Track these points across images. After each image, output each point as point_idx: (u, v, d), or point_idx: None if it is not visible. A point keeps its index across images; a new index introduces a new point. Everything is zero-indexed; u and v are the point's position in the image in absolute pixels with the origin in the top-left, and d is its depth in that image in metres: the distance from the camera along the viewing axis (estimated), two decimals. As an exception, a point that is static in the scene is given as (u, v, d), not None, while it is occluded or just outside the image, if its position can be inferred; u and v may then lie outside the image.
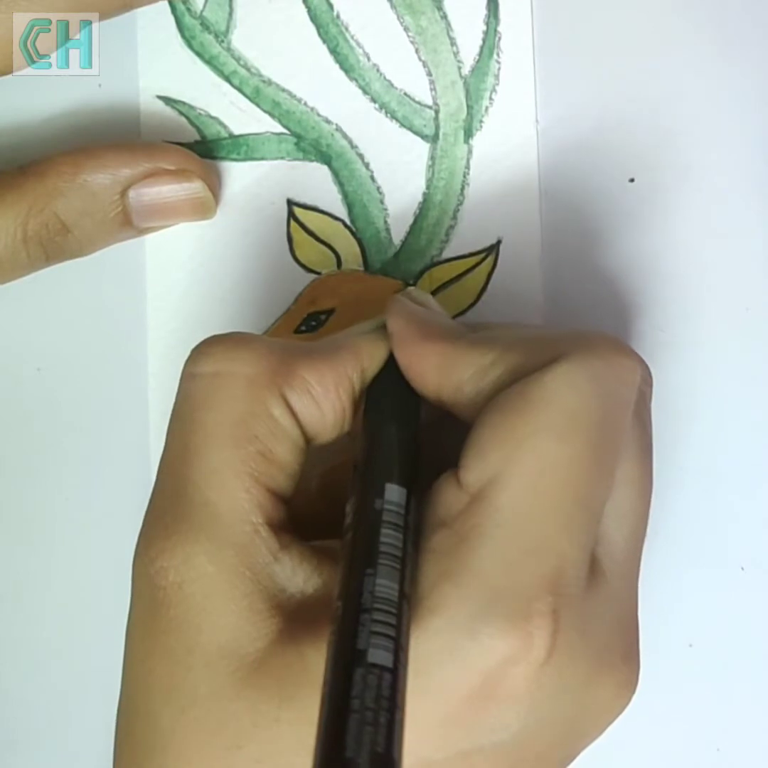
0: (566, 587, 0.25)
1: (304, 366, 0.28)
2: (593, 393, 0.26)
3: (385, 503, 0.26)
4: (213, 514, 0.26)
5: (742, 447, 0.35)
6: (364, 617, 0.23)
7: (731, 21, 0.34)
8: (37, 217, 0.31)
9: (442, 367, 0.28)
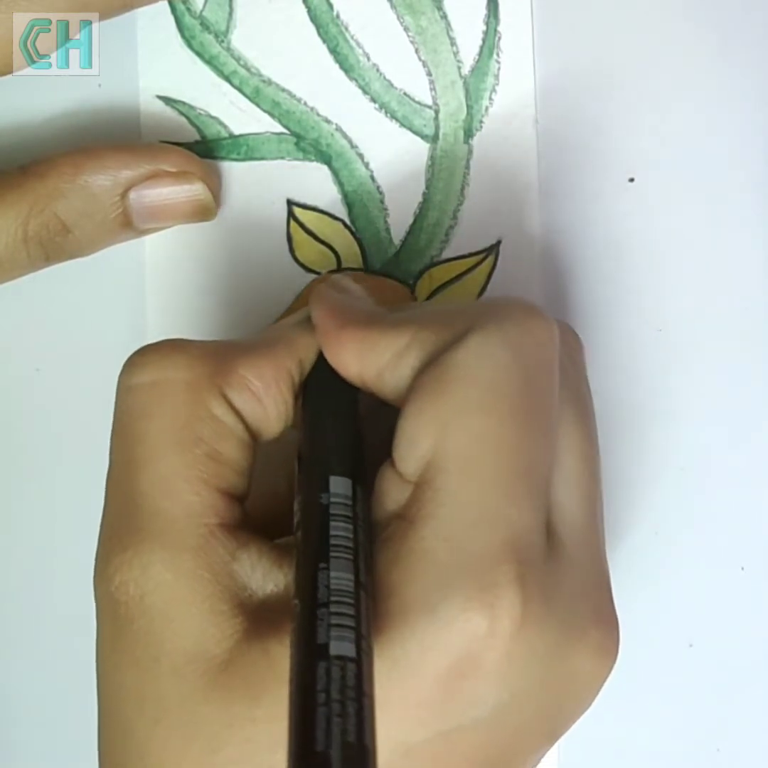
0: (524, 554, 0.25)
1: (242, 363, 0.28)
2: (509, 359, 0.26)
3: (331, 496, 0.26)
4: (166, 521, 0.26)
5: (742, 447, 0.35)
6: (322, 611, 0.23)
7: (731, 21, 0.34)
8: (38, 217, 0.31)
9: (361, 354, 0.28)
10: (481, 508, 0.25)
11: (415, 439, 0.26)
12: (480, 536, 0.25)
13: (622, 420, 0.35)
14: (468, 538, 0.25)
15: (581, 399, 0.29)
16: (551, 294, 0.35)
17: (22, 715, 0.35)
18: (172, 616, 0.25)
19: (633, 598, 0.34)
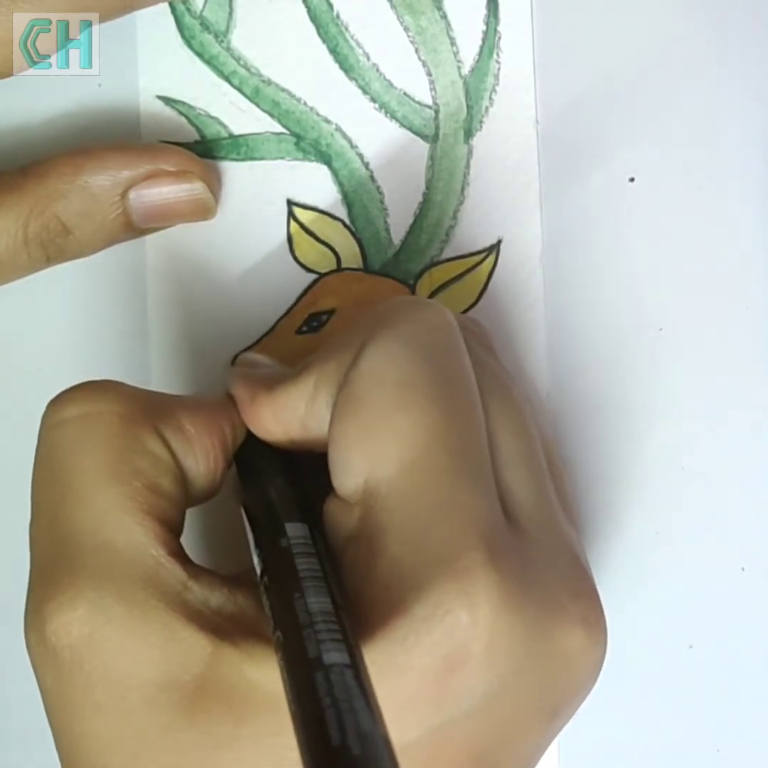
0: (489, 536, 0.25)
1: (178, 406, 0.28)
2: (409, 352, 0.26)
3: (290, 539, 0.26)
4: (111, 554, 0.25)
5: (743, 447, 0.35)
6: (307, 632, 0.23)
7: (731, 20, 0.34)
8: (38, 218, 0.31)
9: (277, 416, 0.28)
10: (433, 501, 0.25)
11: (346, 459, 0.26)
12: (441, 528, 0.25)
13: (622, 420, 0.35)
14: (430, 534, 0.25)
15: (500, 381, 0.29)
16: (551, 294, 0.34)
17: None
18: (132, 649, 0.24)
19: (633, 599, 0.34)
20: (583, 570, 0.27)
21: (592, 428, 0.35)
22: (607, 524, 0.34)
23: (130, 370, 0.35)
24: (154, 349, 0.35)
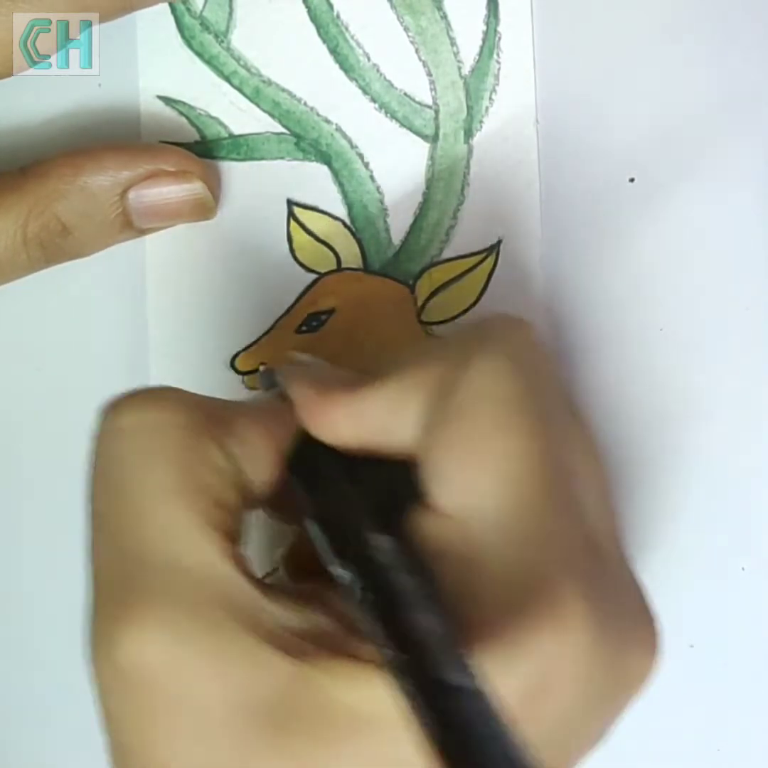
0: (581, 565, 0.25)
1: (237, 414, 0.27)
2: (519, 372, 0.26)
3: (379, 550, 0.25)
4: (182, 572, 0.24)
5: (743, 447, 0.35)
6: (423, 650, 0.23)
7: (731, 20, 0.34)
8: (38, 218, 0.31)
9: (355, 416, 0.27)
10: (532, 528, 0.25)
11: (449, 472, 0.25)
12: (536, 555, 0.25)
13: (622, 420, 0.35)
14: (525, 560, 0.25)
15: (564, 392, 0.29)
16: (552, 294, 0.35)
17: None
18: (209, 672, 0.23)
19: (633, 598, 0.34)
20: (644, 591, 0.28)
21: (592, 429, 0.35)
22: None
23: (130, 370, 0.35)
24: (153, 349, 0.35)
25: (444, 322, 0.35)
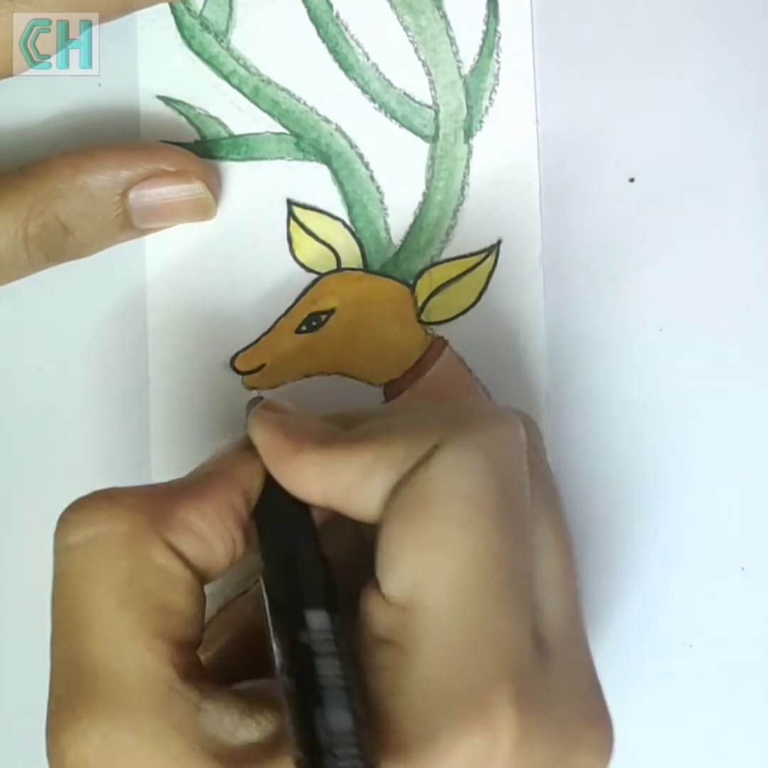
0: (518, 671, 0.25)
1: (182, 506, 0.27)
2: (484, 469, 0.26)
3: (311, 634, 0.25)
4: (122, 684, 0.25)
5: (742, 447, 0.35)
6: (328, 759, 0.23)
7: (731, 20, 0.34)
8: (38, 218, 0.31)
9: (322, 477, 0.27)
10: (474, 628, 0.25)
11: (397, 561, 0.26)
12: (476, 658, 0.25)
13: (621, 420, 0.35)
14: (464, 662, 0.25)
15: (550, 490, 0.29)
16: (551, 294, 0.34)
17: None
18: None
19: (633, 598, 0.34)
20: (600, 692, 0.28)
21: (592, 428, 0.35)
22: (607, 524, 0.34)
23: (130, 370, 0.35)
24: (153, 349, 0.35)
25: (444, 322, 0.35)
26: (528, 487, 0.27)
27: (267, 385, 0.35)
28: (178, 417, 0.35)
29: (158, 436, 0.34)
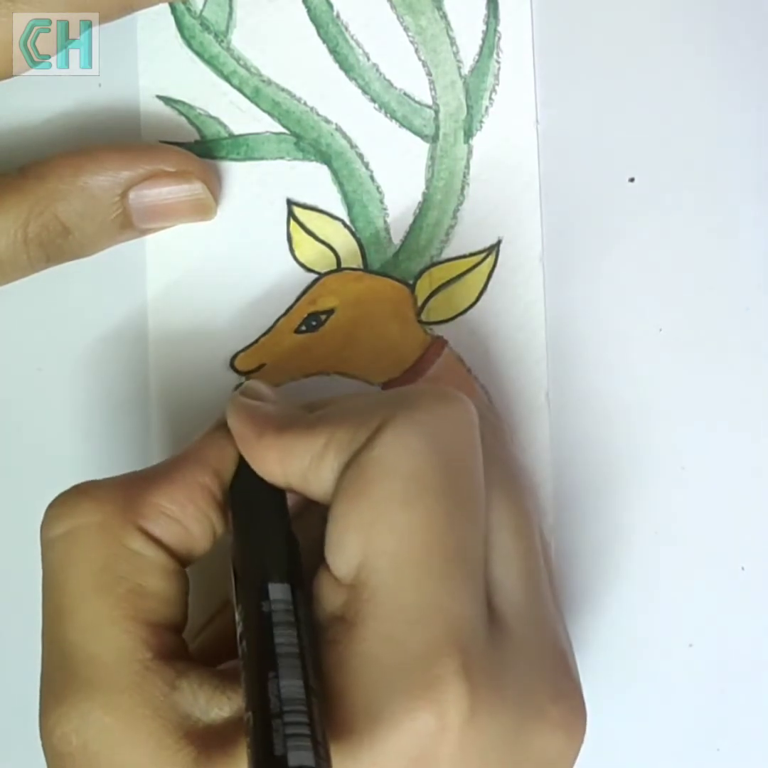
0: (466, 643, 0.25)
1: (152, 491, 0.28)
2: (425, 447, 0.26)
3: (272, 604, 0.26)
4: (98, 666, 0.26)
5: (742, 446, 0.35)
6: (276, 722, 0.23)
7: (731, 20, 0.34)
8: (38, 219, 0.31)
9: (281, 460, 0.28)
10: (419, 603, 0.25)
11: (343, 542, 0.26)
12: (420, 632, 0.25)
13: (622, 420, 0.35)
14: (408, 636, 0.25)
15: (508, 474, 0.29)
16: (551, 293, 0.35)
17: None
18: (120, 761, 0.26)
19: (633, 598, 0.34)
20: (568, 668, 0.28)
21: (592, 428, 0.35)
22: (607, 524, 0.34)
23: (130, 370, 0.35)
24: (153, 349, 0.35)
25: (444, 322, 0.35)
26: (479, 466, 0.27)
27: (267, 384, 0.35)
28: (179, 417, 0.35)
29: (158, 435, 0.34)
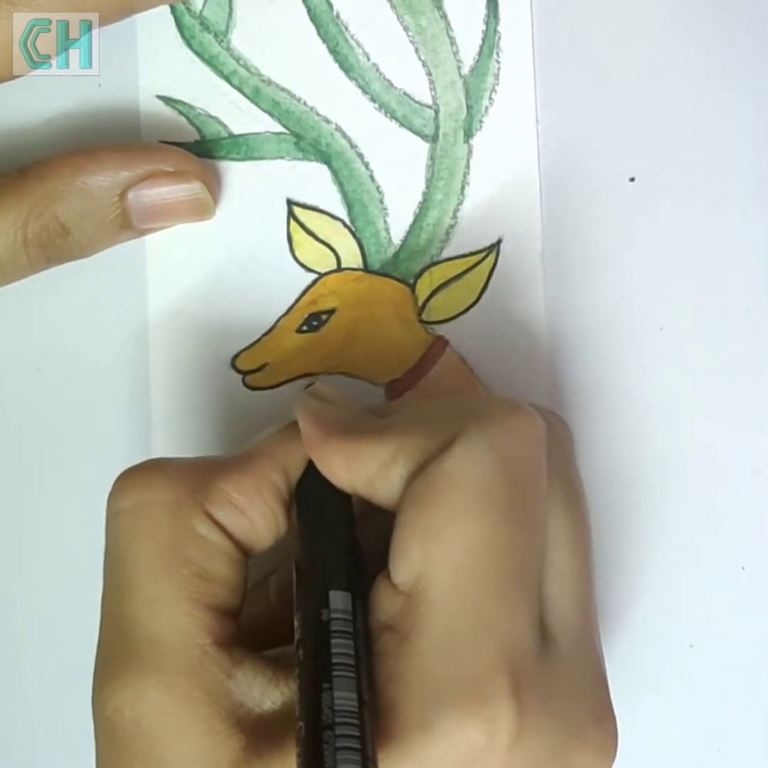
0: (519, 664, 0.25)
1: (222, 478, 0.28)
2: (495, 463, 0.26)
3: (331, 613, 0.26)
4: (158, 645, 0.26)
5: (743, 446, 0.35)
6: (327, 734, 0.23)
7: (731, 21, 0.34)
8: (37, 219, 0.31)
9: (348, 465, 0.28)
10: (476, 619, 0.25)
11: (406, 550, 0.26)
12: (475, 649, 0.25)
13: (622, 419, 0.35)
14: (464, 652, 0.25)
15: (571, 488, 0.29)
16: (551, 293, 0.35)
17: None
18: (170, 740, 0.26)
19: (633, 598, 0.34)
20: (607, 694, 0.28)
21: (592, 427, 0.35)
22: (607, 524, 0.34)
23: (131, 370, 0.35)
24: (154, 349, 0.35)
25: (445, 321, 0.35)
26: (545, 482, 0.28)
27: (268, 384, 0.35)
28: (180, 416, 0.35)
29: (160, 435, 0.34)
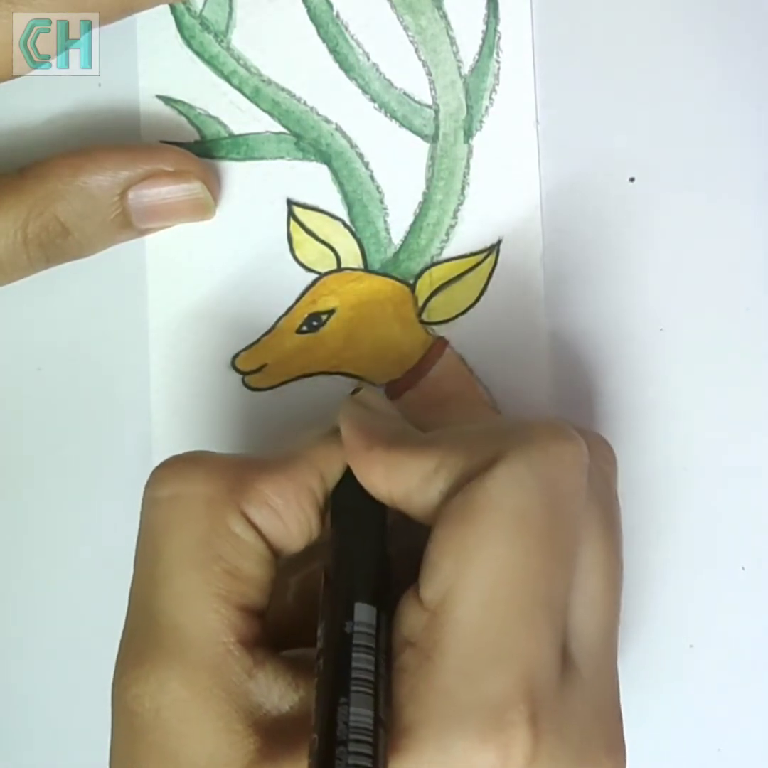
0: (539, 691, 0.25)
1: (261, 479, 0.28)
2: (536, 487, 0.26)
3: (355, 625, 0.26)
4: (184, 638, 0.26)
5: (743, 446, 0.35)
6: (340, 750, 0.23)
7: (731, 20, 0.34)
8: (37, 219, 0.31)
9: (388, 476, 0.28)
10: (500, 643, 0.25)
11: (438, 564, 0.26)
12: (497, 673, 0.25)
13: (623, 420, 0.35)
14: (485, 675, 0.25)
15: (608, 515, 0.29)
16: (552, 293, 0.34)
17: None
18: (187, 733, 0.26)
19: (633, 598, 0.34)
20: (620, 723, 0.28)
21: (593, 427, 0.35)
22: (607, 524, 0.34)
23: (130, 370, 0.35)
24: (154, 349, 0.35)
25: (444, 322, 0.35)
26: (582, 511, 0.27)
27: (268, 384, 0.35)
28: (180, 417, 0.35)
29: (159, 435, 0.34)
